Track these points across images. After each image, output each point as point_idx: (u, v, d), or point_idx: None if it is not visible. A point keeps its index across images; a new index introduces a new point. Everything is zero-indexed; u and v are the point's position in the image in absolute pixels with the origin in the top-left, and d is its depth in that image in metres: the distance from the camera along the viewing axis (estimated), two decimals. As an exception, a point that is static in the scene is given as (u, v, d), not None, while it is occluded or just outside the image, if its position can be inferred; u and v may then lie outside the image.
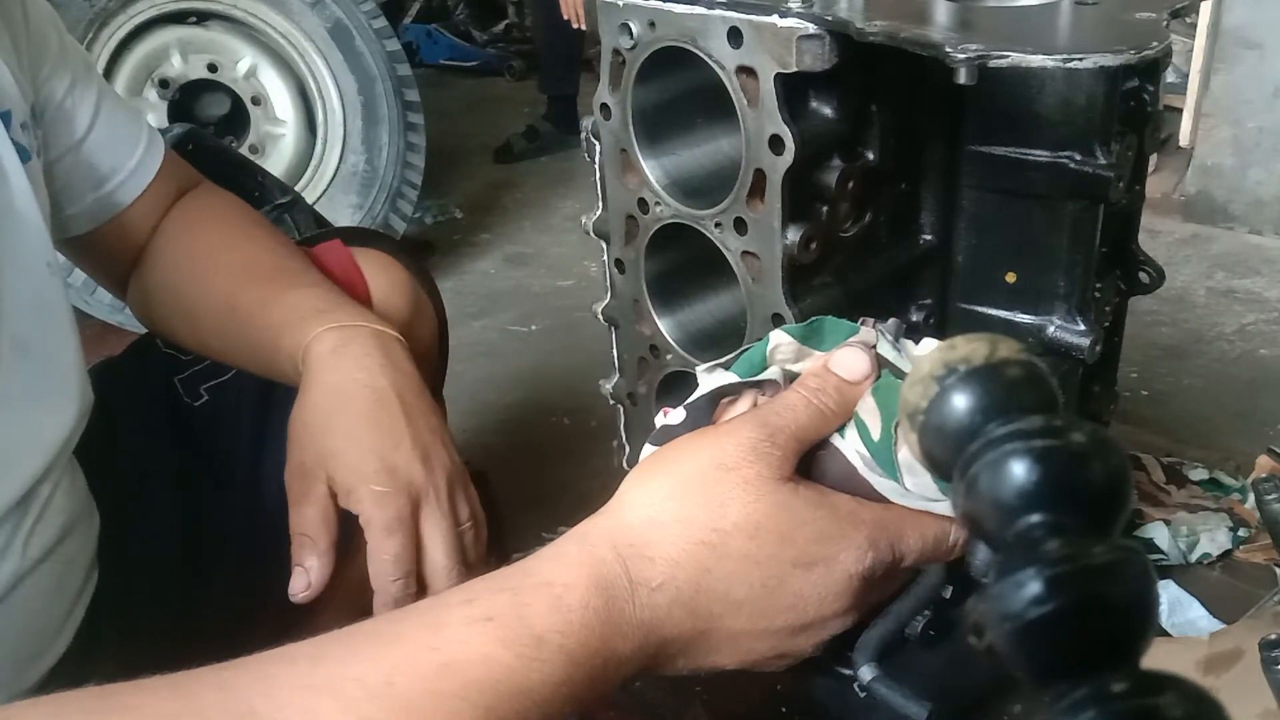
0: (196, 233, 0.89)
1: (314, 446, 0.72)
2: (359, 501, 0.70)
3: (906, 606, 1.11)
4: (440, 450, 0.74)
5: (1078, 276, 1.02)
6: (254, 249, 0.87)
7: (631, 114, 0.97)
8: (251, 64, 2.44)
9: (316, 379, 0.74)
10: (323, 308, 0.78)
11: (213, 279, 0.85)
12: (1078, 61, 0.80)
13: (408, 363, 0.77)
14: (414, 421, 0.73)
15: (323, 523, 0.70)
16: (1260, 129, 2.52)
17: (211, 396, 0.95)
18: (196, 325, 0.86)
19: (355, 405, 0.72)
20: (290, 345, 0.77)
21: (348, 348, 0.75)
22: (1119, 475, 0.29)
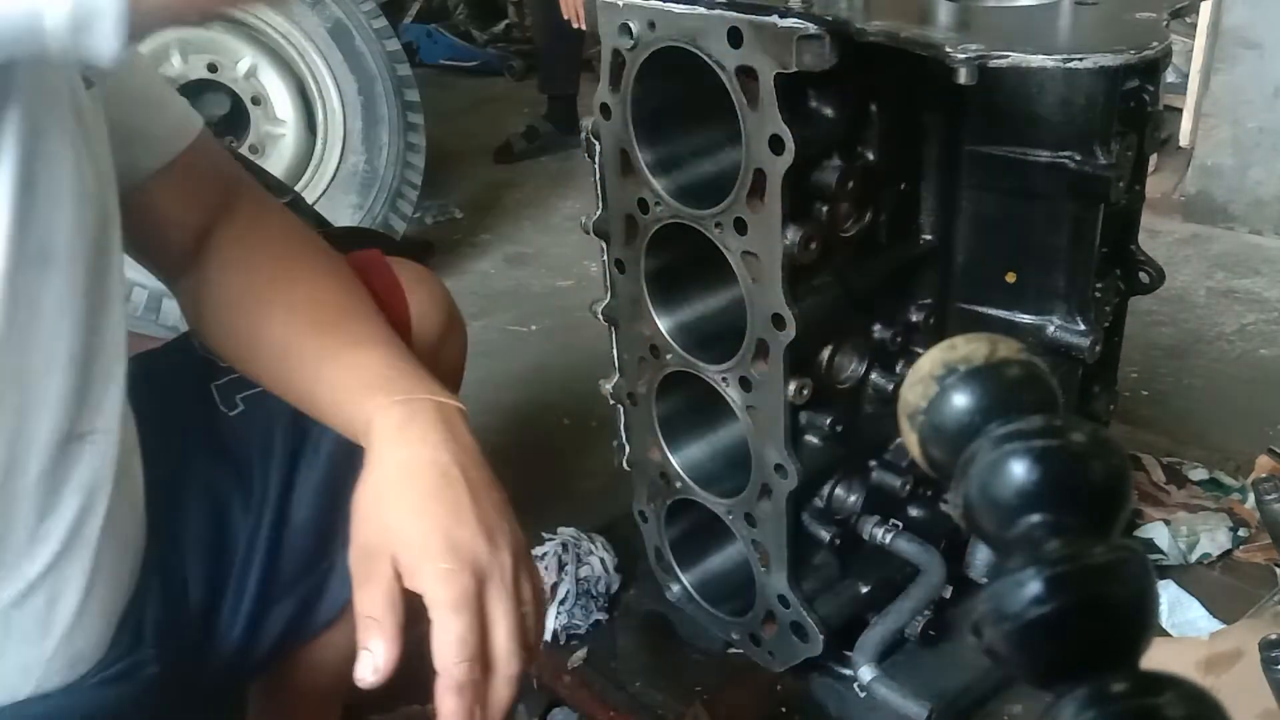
0: (257, 260, 0.87)
1: (378, 524, 0.72)
2: (424, 580, 0.69)
3: (906, 607, 1.11)
4: (504, 525, 0.73)
5: (1078, 276, 1.02)
6: (315, 287, 0.85)
7: (631, 114, 0.97)
8: (251, 64, 2.44)
9: (381, 457, 0.74)
10: (387, 375, 0.78)
11: (271, 318, 0.83)
12: (1078, 61, 0.80)
13: (469, 436, 0.76)
14: (478, 498, 0.73)
15: (389, 604, 0.69)
16: (1260, 129, 2.52)
17: (247, 407, 0.94)
18: (250, 360, 0.85)
19: (420, 483, 0.72)
20: (352, 413, 0.77)
21: (412, 424, 0.74)
22: (1119, 475, 0.29)
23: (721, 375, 1.02)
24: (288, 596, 0.95)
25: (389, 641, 0.68)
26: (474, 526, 0.71)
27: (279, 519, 0.93)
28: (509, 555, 0.72)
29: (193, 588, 0.89)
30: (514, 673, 0.71)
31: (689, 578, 1.24)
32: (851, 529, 1.10)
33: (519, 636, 0.71)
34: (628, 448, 1.21)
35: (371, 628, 0.69)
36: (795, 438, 1.01)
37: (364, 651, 0.69)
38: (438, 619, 0.68)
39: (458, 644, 0.67)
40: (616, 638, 1.34)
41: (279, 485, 0.93)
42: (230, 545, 0.92)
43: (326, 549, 0.96)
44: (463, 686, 0.67)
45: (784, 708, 1.22)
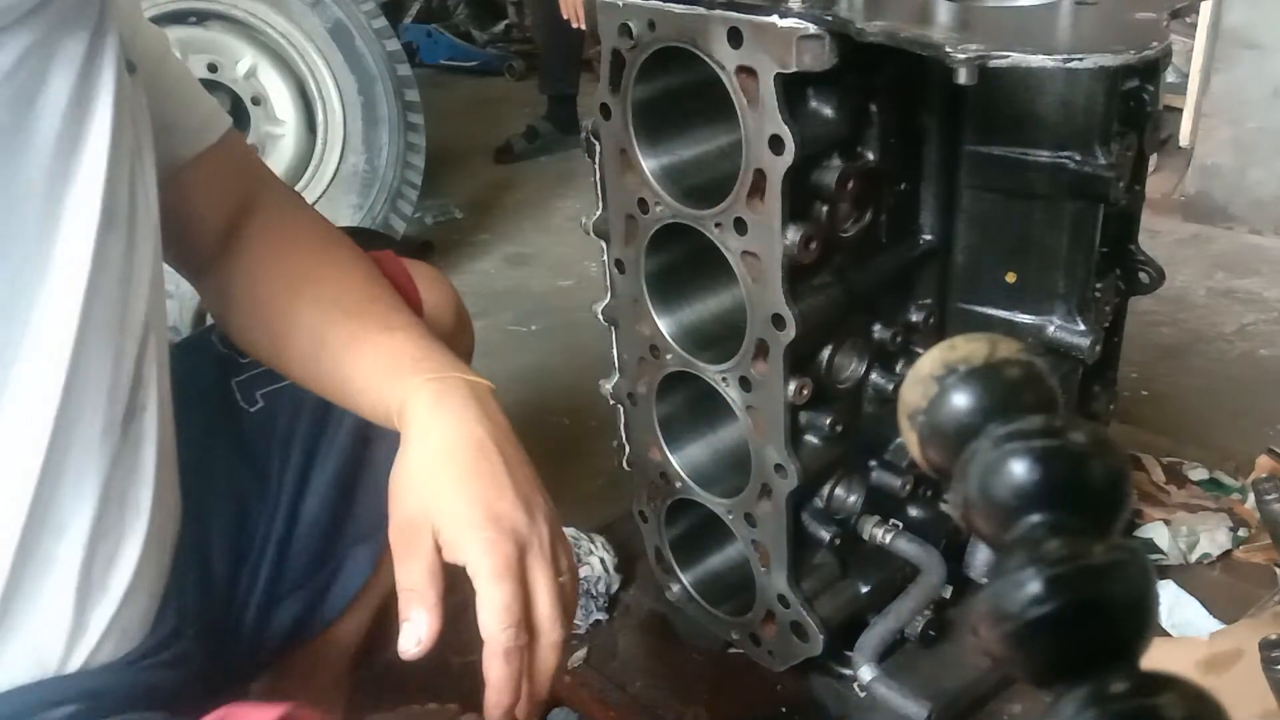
0: (286, 252, 0.88)
1: (418, 500, 0.73)
2: (466, 551, 0.70)
3: (906, 607, 1.11)
4: (540, 499, 0.75)
5: (1078, 276, 1.02)
6: (343, 277, 0.87)
7: (631, 114, 0.97)
8: (251, 64, 2.44)
9: (417, 434, 0.75)
10: (418, 355, 0.79)
11: (301, 308, 0.84)
12: (1078, 61, 0.80)
13: (500, 413, 0.78)
14: (514, 471, 0.74)
15: (430, 577, 0.71)
16: (1260, 129, 2.52)
17: (267, 403, 0.95)
18: (281, 351, 0.86)
19: (458, 458, 0.73)
20: (386, 395, 0.77)
21: (446, 401, 0.75)
22: (1119, 475, 0.29)
23: (721, 375, 1.02)
24: (297, 591, 0.96)
25: (432, 613, 0.69)
26: (513, 498, 0.72)
27: (292, 515, 0.94)
28: (546, 526, 0.73)
29: (218, 578, 0.90)
30: (558, 639, 0.72)
31: (689, 578, 1.24)
32: (851, 529, 1.10)
33: (560, 604, 0.72)
34: (628, 448, 1.21)
35: (413, 599, 0.70)
36: (795, 438, 1.01)
37: (406, 624, 0.70)
38: (482, 588, 0.69)
39: (504, 611, 0.68)
40: (616, 638, 1.34)
41: (294, 482, 0.95)
42: (248, 538, 0.93)
43: (335, 546, 0.97)
44: (510, 652, 0.68)
45: (784, 708, 1.22)
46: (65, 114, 0.62)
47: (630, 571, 1.41)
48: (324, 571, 0.97)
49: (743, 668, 1.23)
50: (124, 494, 0.71)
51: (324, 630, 1.02)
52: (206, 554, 0.89)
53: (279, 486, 0.94)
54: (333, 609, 1.00)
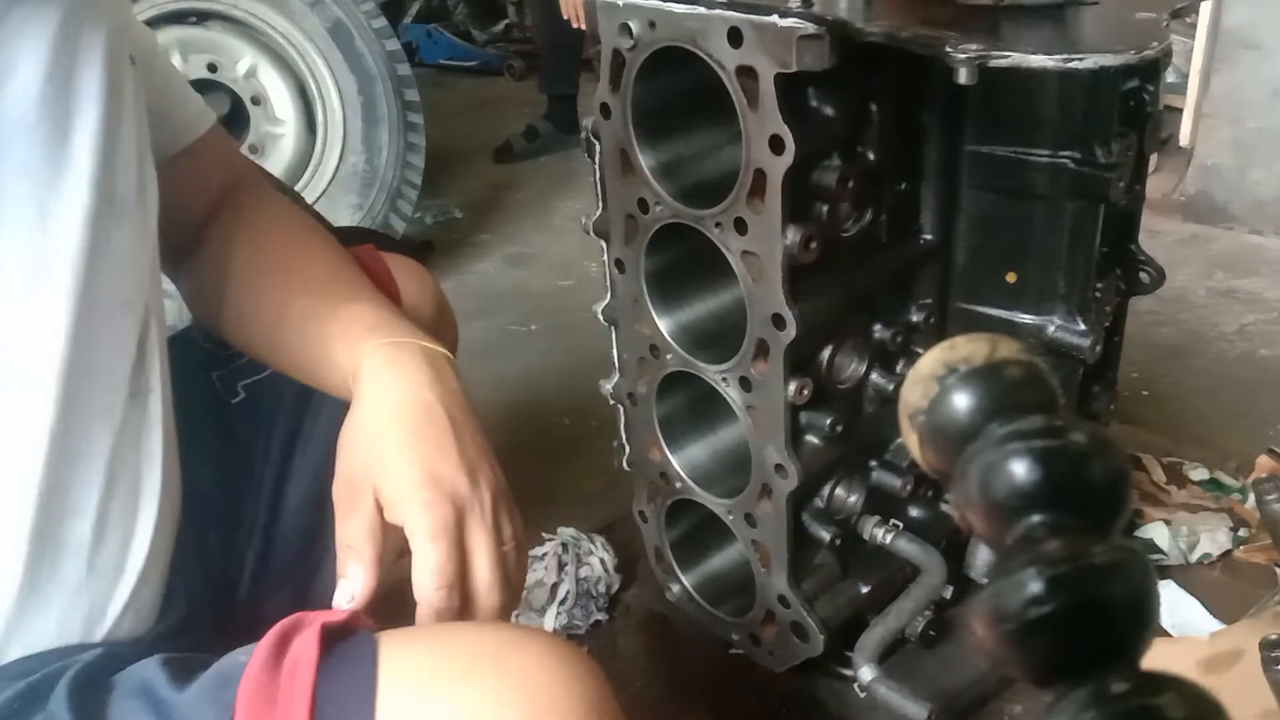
0: (258, 238, 0.89)
1: (361, 458, 0.73)
2: (404, 510, 0.70)
3: (906, 607, 1.11)
4: (486, 467, 0.75)
5: (1078, 276, 1.02)
6: (312, 258, 0.88)
7: (631, 114, 0.97)
8: (251, 64, 2.44)
9: (367, 394, 0.75)
10: (375, 323, 0.79)
11: (267, 285, 0.85)
12: (1078, 62, 0.80)
13: (455, 380, 0.78)
14: (461, 436, 0.74)
15: (369, 534, 0.71)
16: (1260, 129, 2.52)
17: (249, 394, 0.96)
18: (248, 329, 0.87)
19: (404, 419, 0.73)
20: (341, 359, 0.78)
21: (398, 363, 0.76)
22: (1119, 475, 0.29)
23: (721, 375, 1.02)
24: (284, 583, 0.96)
25: (368, 568, 0.70)
26: (455, 462, 0.72)
27: (275, 503, 0.95)
28: (489, 493, 0.73)
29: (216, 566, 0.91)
30: (494, 604, 0.72)
31: (689, 578, 1.24)
32: (852, 529, 1.10)
33: (500, 570, 0.72)
34: (628, 448, 1.21)
35: (351, 556, 0.71)
36: (795, 438, 1.01)
37: (342, 580, 0.70)
38: (417, 547, 0.69)
39: (437, 572, 0.68)
40: (616, 638, 1.34)
41: (276, 470, 0.95)
42: (236, 531, 0.93)
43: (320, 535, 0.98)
44: (440, 613, 0.69)
45: (784, 708, 1.22)
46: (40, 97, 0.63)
47: (630, 571, 1.41)
48: (311, 560, 0.98)
49: (743, 668, 1.23)
50: (134, 475, 0.72)
51: None
52: (204, 542, 0.89)
53: (262, 476, 0.95)
54: (321, 596, 1.00)
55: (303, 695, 0.58)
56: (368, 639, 0.62)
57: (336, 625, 0.63)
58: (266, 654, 0.61)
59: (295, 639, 0.62)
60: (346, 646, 0.62)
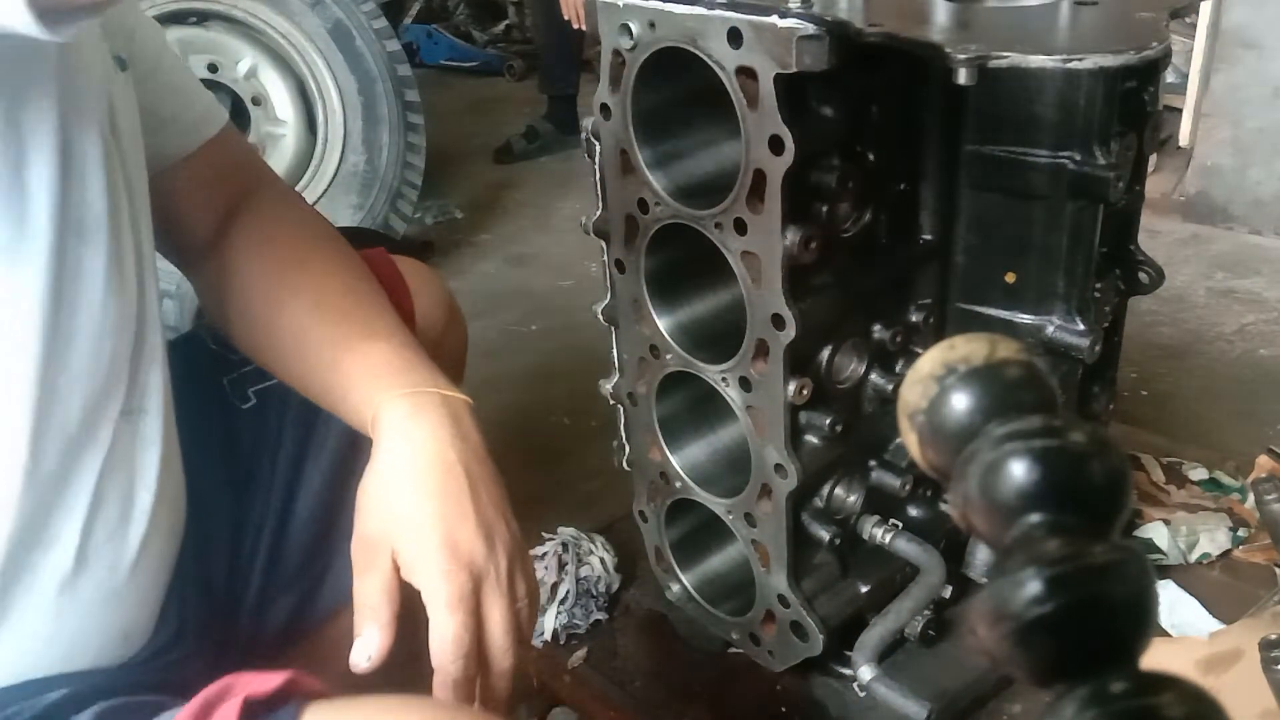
0: (275, 248, 0.88)
1: (380, 518, 0.73)
2: (422, 577, 0.70)
3: (906, 606, 1.11)
4: (502, 527, 0.75)
5: (1077, 276, 1.02)
6: (330, 276, 0.87)
7: (631, 114, 0.97)
8: (252, 64, 2.44)
9: (387, 448, 0.75)
10: (397, 366, 0.79)
11: (285, 305, 0.84)
12: (1077, 62, 0.80)
13: (475, 431, 0.78)
14: (478, 497, 0.74)
15: (385, 594, 0.71)
16: (1260, 129, 2.52)
17: (259, 400, 0.95)
18: (266, 348, 0.86)
19: (424, 479, 0.73)
20: (360, 402, 0.78)
21: (419, 417, 0.75)
22: (1118, 475, 0.29)
23: (721, 375, 1.03)
24: (290, 589, 0.96)
25: (384, 629, 0.70)
26: (474, 525, 0.72)
27: (284, 511, 0.95)
28: (504, 556, 0.73)
29: (217, 576, 0.90)
30: (507, 667, 0.73)
31: (689, 578, 1.24)
32: (851, 529, 1.10)
33: (513, 633, 0.73)
34: (628, 448, 1.21)
35: (367, 615, 0.71)
36: (795, 438, 1.01)
37: (358, 639, 0.70)
38: (435, 616, 0.69)
39: (454, 642, 0.69)
40: (616, 638, 1.34)
41: (285, 478, 0.95)
42: (243, 536, 0.93)
43: (326, 544, 0.97)
44: (458, 683, 0.69)
45: (784, 707, 1.22)
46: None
47: (630, 571, 1.41)
48: (316, 568, 0.97)
49: (743, 668, 1.23)
50: (125, 498, 0.71)
51: (319, 628, 1.02)
52: (206, 553, 0.89)
53: (271, 483, 0.94)
54: (326, 606, 1.00)
55: None
56: (290, 713, 0.62)
57: (261, 698, 0.62)
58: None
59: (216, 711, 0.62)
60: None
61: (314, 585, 0.98)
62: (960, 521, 0.30)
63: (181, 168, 0.85)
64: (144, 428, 0.73)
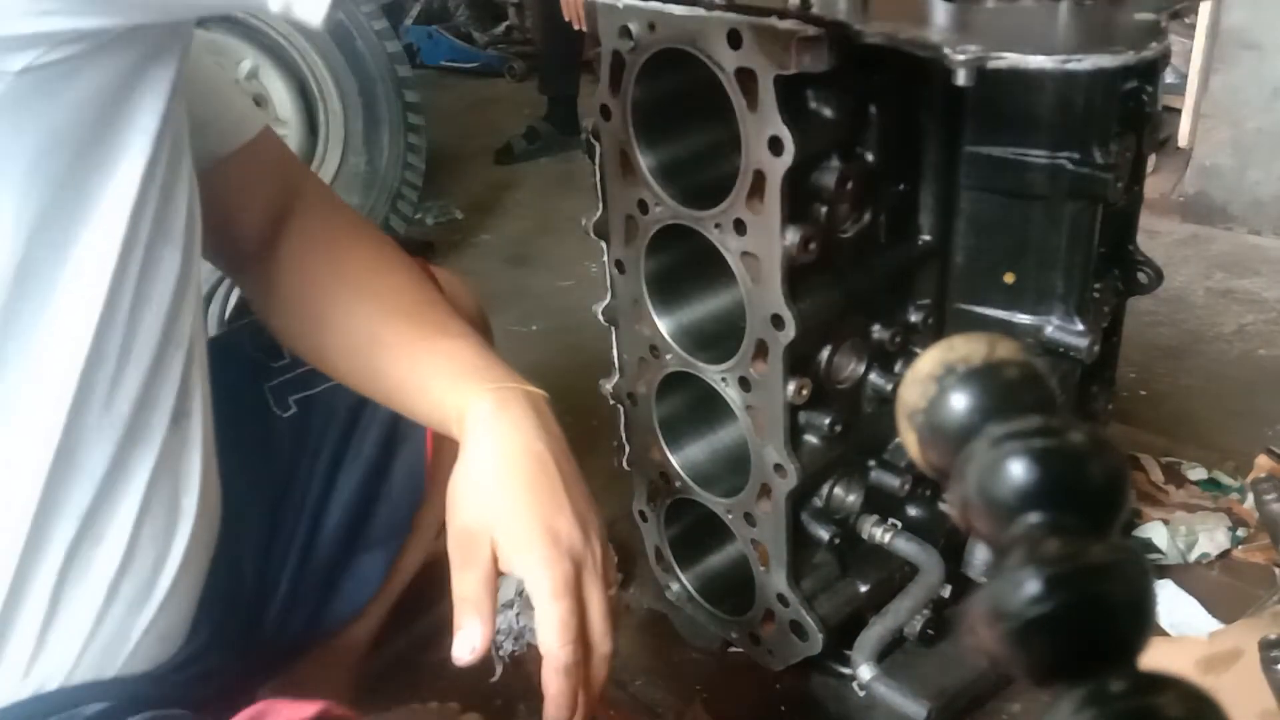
0: (337, 248, 0.88)
1: (477, 511, 0.74)
2: (525, 567, 0.71)
3: (905, 606, 1.11)
4: (594, 516, 0.76)
5: (1076, 277, 1.02)
6: (396, 276, 0.87)
7: (631, 115, 0.97)
8: (253, 65, 2.44)
9: (478, 443, 0.75)
10: (478, 364, 0.80)
11: (356, 304, 0.85)
12: (1076, 62, 0.80)
13: (556, 426, 0.79)
14: (570, 488, 0.75)
15: (487, 587, 0.72)
16: (1259, 129, 2.52)
17: (300, 409, 0.95)
18: (329, 346, 0.86)
19: (517, 471, 0.74)
20: (445, 400, 0.78)
21: (506, 412, 0.76)
22: (1117, 475, 0.29)
23: (721, 375, 1.03)
24: (310, 600, 0.96)
25: (486, 622, 0.71)
26: (570, 515, 0.74)
27: (316, 522, 0.95)
28: (598, 544, 0.75)
29: (247, 583, 0.91)
30: (608, 652, 0.74)
31: (688, 577, 1.24)
32: (850, 528, 1.10)
33: (611, 619, 0.74)
34: (628, 448, 1.21)
35: (468, 609, 0.71)
36: (794, 437, 1.01)
37: (460, 632, 0.71)
38: (541, 605, 0.70)
39: (563, 628, 0.70)
40: (616, 637, 1.34)
41: (319, 489, 0.95)
42: (275, 544, 0.93)
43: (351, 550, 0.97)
44: (569, 668, 0.70)
45: (783, 707, 1.22)
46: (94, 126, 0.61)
47: (630, 571, 1.41)
48: (338, 575, 0.97)
49: (742, 667, 1.23)
50: (171, 500, 0.72)
51: (336, 633, 1.02)
52: (237, 559, 0.89)
53: (305, 493, 0.95)
54: (345, 612, 1.00)
55: None
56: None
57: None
58: None
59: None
60: None
61: (334, 593, 0.98)
62: (959, 521, 0.30)
63: (224, 168, 0.85)
64: (190, 431, 0.73)
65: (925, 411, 0.30)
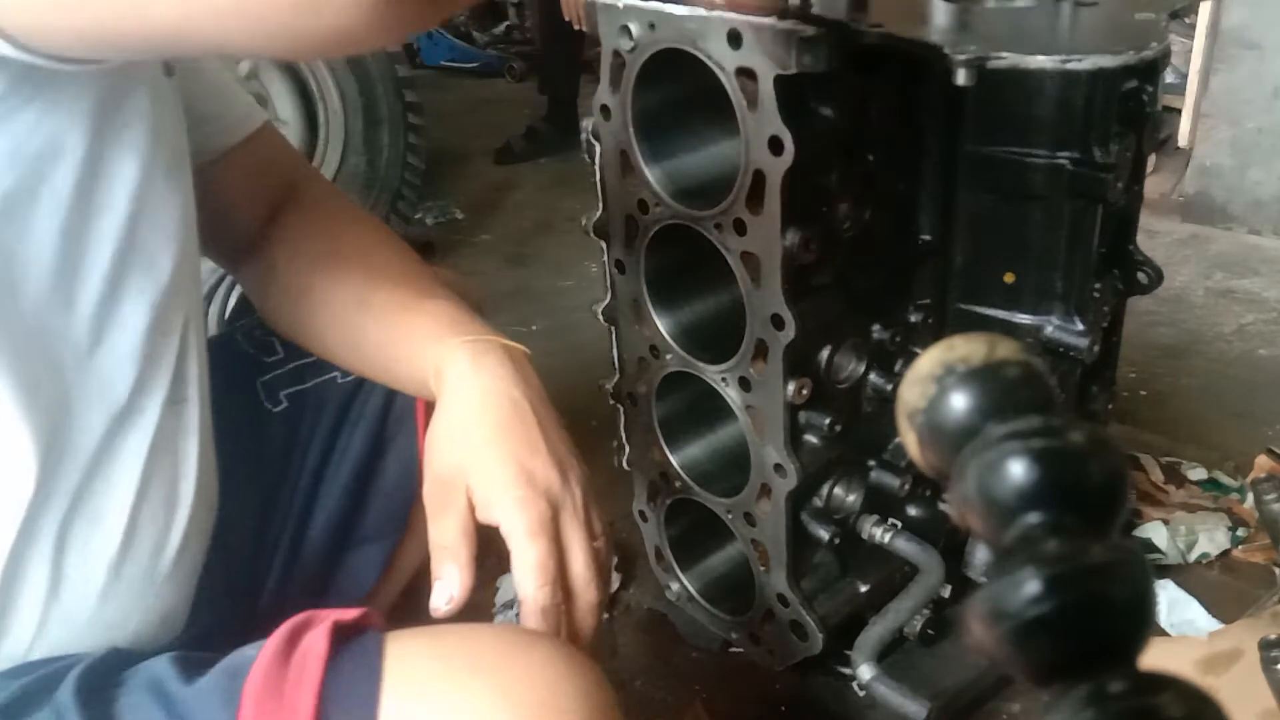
0: (330, 229, 0.90)
1: (452, 457, 0.73)
2: (500, 509, 0.70)
3: (905, 606, 1.11)
4: (574, 462, 0.75)
5: (1076, 277, 1.02)
6: (389, 252, 0.88)
7: (631, 115, 0.97)
8: (253, 65, 2.44)
9: (454, 392, 0.75)
10: (456, 319, 0.80)
11: (348, 274, 0.86)
12: (1076, 62, 0.80)
13: (535, 377, 0.79)
14: (548, 432, 0.74)
15: (463, 535, 0.71)
16: (1259, 129, 2.52)
17: (291, 404, 0.96)
18: (321, 319, 0.87)
19: (492, 416, 0.73)
20: (423, 355, 0.78)
21: (483, 360, 0.76)
22: (1117, 475, 0.29)
23: (721, 375, 1.03)
24: (304, 594, 0.96)
25: (464, 569, 0.70)
26: (546, 458, 0.72)
27: (306, 516, 0.95)
28: (579, 488, 0.74)
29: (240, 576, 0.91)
30: (594, 599, 0.72)
31: (689, 577, 1.24)
32: (850, 528, 1.10)
33: (595, 565, 0.72)
34: (628, 448, 1.21)
35: (446, 556, 0.70)
36: (794, 437, 1.01)
37: (438, 581, 0.70)
38: (516, 546, 0.69)
39: (539, 568, 0.68)
40: (616, 636, 1.34)
41: (310, 483, 0.95)
42: (267, 538, 0.94)
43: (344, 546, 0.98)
44: (547, 610, 0.69)
45: (783, 706, 1.22)
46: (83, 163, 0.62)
47: (630, 571, 1.41)
48: (332, 570, 0.98)
49: (742, 667, 1.23)
50: (169, 483, 0.72)
51: None
52: (230, 549, 0.89)
53: (296, 486, 0.95)
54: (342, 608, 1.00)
55: (309, 690, 0.58)
56: (375, 638, 0.62)
57: (347, 623, 0.63)
58: (276, 649, 0.62)
59: (306, 635, 0.62)
60: (355, 645, 0.62)
61: (328, 590, 0.99)
62: (959, 521, 0.30)
63: (224, 163, 0.86)
64: (186, 417, 0.74)
65: (925, 411, 0.30)
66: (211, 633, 0.81)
